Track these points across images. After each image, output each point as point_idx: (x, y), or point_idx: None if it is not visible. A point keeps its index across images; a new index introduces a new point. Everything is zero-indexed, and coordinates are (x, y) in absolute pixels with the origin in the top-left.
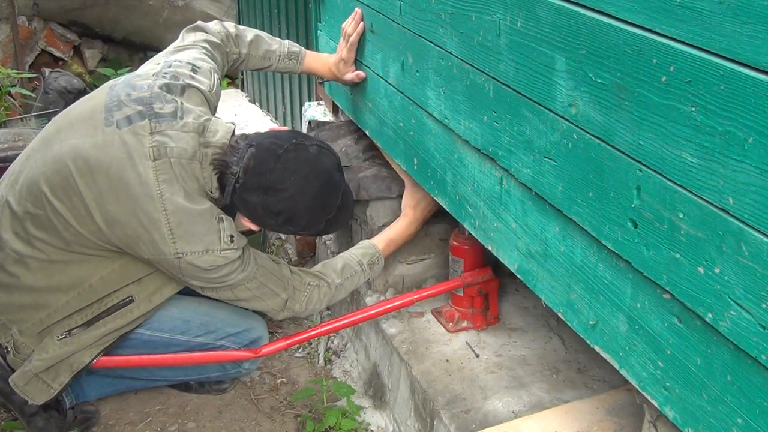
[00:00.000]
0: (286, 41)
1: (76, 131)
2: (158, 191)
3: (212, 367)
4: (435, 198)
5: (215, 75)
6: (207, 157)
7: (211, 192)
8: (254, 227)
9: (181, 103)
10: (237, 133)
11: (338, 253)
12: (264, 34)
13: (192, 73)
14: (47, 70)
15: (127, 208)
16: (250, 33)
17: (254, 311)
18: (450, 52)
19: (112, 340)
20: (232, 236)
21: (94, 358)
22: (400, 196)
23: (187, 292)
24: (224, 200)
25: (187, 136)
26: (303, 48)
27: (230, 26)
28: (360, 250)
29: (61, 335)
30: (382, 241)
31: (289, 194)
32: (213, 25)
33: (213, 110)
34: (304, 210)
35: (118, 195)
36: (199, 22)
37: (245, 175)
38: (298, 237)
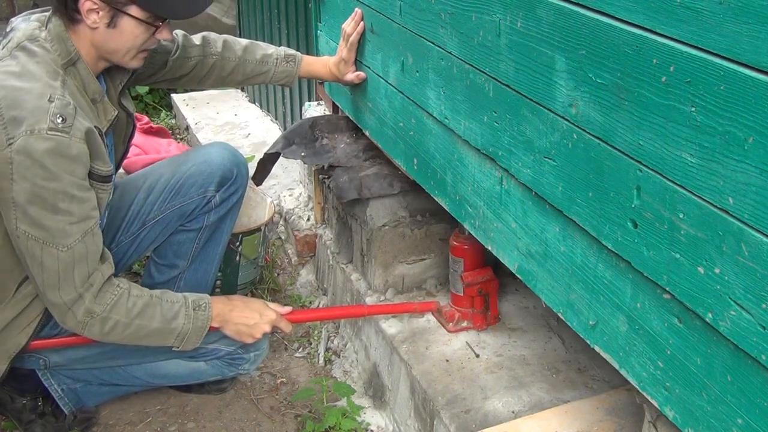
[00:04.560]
0: (282, 47)
1: None
2: None
3: (209, 372)
4: (435, 198)
5: None
6: (51, 32)
7: (75, 52)
8: (139, 14)
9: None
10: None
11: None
12: (260, 42)
13: None
14: None
15: None
16: (245, 40)
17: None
18: (450, 52)
19: (40, 313)
20: (63, 117)
21: (30, 338)
22: (402, 192)
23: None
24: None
25: (30, 24)
26: (299, 53)
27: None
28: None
29: None
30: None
31: None
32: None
33: None
34: None
35: None
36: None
37: None
38: (297, 235)
